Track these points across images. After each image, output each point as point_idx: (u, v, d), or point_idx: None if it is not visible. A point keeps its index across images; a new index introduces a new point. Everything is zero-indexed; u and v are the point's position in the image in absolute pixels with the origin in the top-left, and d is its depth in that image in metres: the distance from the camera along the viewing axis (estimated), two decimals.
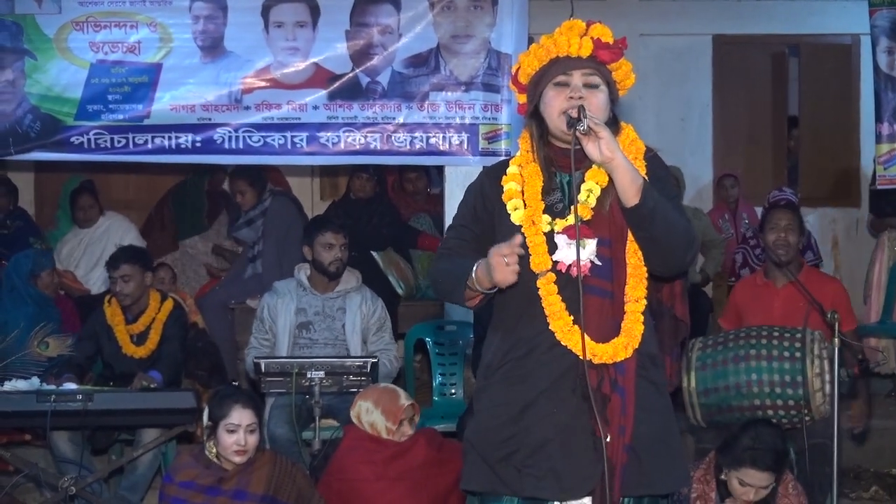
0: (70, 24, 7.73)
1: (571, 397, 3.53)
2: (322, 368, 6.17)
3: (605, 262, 3.56)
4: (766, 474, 5.08)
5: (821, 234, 10.36)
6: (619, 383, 3.54)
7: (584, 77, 3.57)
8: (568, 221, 3.56)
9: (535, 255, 3.55)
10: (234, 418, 5.27)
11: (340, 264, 6.97)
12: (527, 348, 3.59)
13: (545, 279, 3.55)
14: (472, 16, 7.78)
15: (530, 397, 3.55)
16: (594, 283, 3.55)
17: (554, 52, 3.58)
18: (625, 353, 3.54)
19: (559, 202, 3.62)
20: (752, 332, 5.83)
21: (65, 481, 6.04)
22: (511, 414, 3.57)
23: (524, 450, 3.55)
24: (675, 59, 10.83)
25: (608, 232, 3.58)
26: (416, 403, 5.96)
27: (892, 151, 8.16)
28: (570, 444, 3.52)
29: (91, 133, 7.75)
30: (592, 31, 3.57)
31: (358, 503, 5.53)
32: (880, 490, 7.17)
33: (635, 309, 3.57)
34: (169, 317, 7.11)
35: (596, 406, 3.49)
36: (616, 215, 3.57)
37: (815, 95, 11.11)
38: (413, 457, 5.66)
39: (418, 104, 7.79)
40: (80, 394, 6.08)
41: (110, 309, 7.11)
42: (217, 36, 7.79)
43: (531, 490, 3.54)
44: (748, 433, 5.14)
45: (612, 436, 3.51)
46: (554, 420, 3.53)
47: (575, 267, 3.51)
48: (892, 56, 8.15)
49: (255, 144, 7.77)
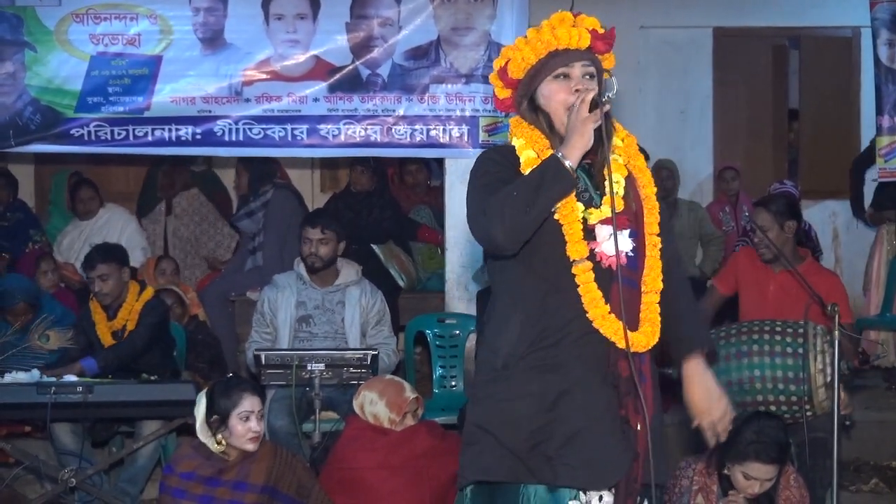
0: (70, 16, 7.73)
1: (603, 386, 3.54)
2: (322, 361, 6.18)
3: (634, 253, 3.60)
4: (770, 467, 5.08)
5: (821, 227, 10.35)
6: (643, 372, 3.58)
7: (583, 68, 3.58)
8: (603, 212, 3.56)
9: (571, 242, 3.52)
10: (247, 405, 5.29)
11: (316, 259, 6.90)
12: (556, 337, 3.55)
13: (583, 266, 3.52)
14: (472, 8, 7.78)
15: (564, 386, 3.52)
16: (626, 274, 3.57)
17: (553, 45, 3.58)
18: (653, 340, 3.60)
19: (584, 191, 3.61)
20: (755, 327, 5.82)
21: (65, 473, 6.05)
22: (545, 403, 3.53)
23: (558, 438, 3.52)
24: (675, 52, 10.81)
25: (634, 223, 3.61)
26: (420, 397, 5.96)
27: (892, 144, 8.17)
28: (603, 434, 3.52)
29: (91, 125, 7.76)
30: (585, 23, 3.60)
31: (360, 492, 5.54)
32: (880, 483, 7.17)
33: (654, 300, 3.62)
34: (144, 306, 6.99)
35: (631, 394, 3.53)
36: (638, 206, 3.62)
37: (816, 88, 11.09)
38: (415, 446, 5.66)
39: (418, 96, 7.80)
40: (80, 386, 6.09)
41: (94, 305, 7.06)
42: (217, 28, 7.79)
43: (565, 479, 3.51)
44: (751, 427, 5.13)
45: (640, 424, 3.55)
46: (588, 409, 3.51)
47: (612, 257, 3.53)
48: (892, 49, 8.17)
49: (255, 137, 7.78)
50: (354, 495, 5.53)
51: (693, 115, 10.92)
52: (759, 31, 10.97)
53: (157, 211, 9.99)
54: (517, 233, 3.46)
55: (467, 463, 3.69)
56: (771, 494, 5.17)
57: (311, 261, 6.90)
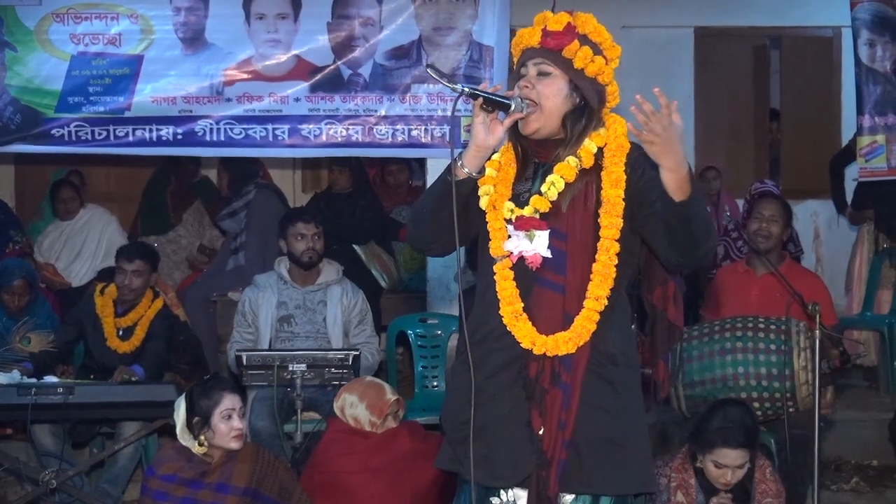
0: (51, 15, 7.70)
1: (514, 387, 3.58)
2: (304, 361, 6.18)
3: (558, 256, 3.57)
4: (739, 451, 5.07)
5: (802, 227, 10.36)
6: (563, 378, 3.55)
7: (534, 67, 3.62)
8: (525, 212, 3.59)
9: (493, 239, 3.62)
10: (228, 403, 5.28)
11: (314, 254, 6.95)
12: (482, 334, 3.63)
13: (501, 265, 3.60)
14: (454, 7, 7.77)
15: (479, 383, 3.58)
16: (545, 276, 3.58)
17: (520, 46, 3.67)
18: (566, 347, 3.53)
19: (527, 192, 3.65)
20: (738, 324, 5.84)
21: (46, 475, 6.02)
22: (467, 397, 3.59)
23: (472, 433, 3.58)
24: (657, 52, 10.82)
25: (565, 226, 3.58)
26: (401, 399, 5.96)
27: (872, 144, 8.19)
28: (504, 433, 3.57)
29: (72, 125, 7.72)
30: (551, 21, 3.62)
31: (340, 495, 5.53)
32: (861, 482, 7.19)
33: (593, 307, 3.55)
34: (157, 315, 7.14)
35: (534, 399, 3.55)
36: (577, 211, 3.59)
37: (797, 88, 11.13)
38: (396, 449, 5.66)
39: (400, 96, 7.78)
40: (61, 387, 6.07)
41: (101, 299, 7.12)
42: (198, 28, 7.77)
43: (467, 473, 3.60)
44: (716, 414, 5.15)
45: (548, 429, 3.54)
46: (494, 407, 3.58)
47: (523, 257, 3.58)
48: (873, 48, 8.18)
49: (236, 137, 7.76)
50: (334, 498, 5.53)
51: None
52: (741, 30, 11.01)
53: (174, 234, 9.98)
54: (416, 231, 3.75)
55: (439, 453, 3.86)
56: (748, 488, 5.17)
57: (307, 255, 6.91)
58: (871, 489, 7.14)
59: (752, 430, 5.15)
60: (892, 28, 8.15)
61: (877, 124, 8.10)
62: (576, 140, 3.62)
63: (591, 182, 3.61)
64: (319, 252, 6.99)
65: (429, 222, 3.68)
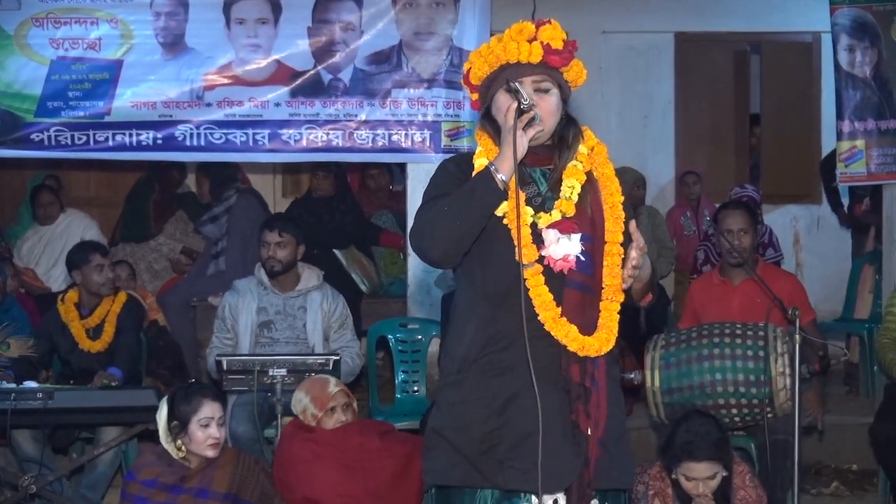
0: (30, 20, 7.69)
1: (554, 391, 3.54)
2: (284, 366, 6.16)
3: (586, 258, 3.58)
4: (706, 464, 5.04)
5: (782, 231, 10.38)
6: (595, 378, 3.58)
7: (534, 83, 3.57)
8: (552, 216, 3.57)
9: (524, 246, 3.52)
10: (207, 411, 5.28)
11: (276, 262, 6.86)
12: (508, 340, 3.56)
13: (532, 270, 3.54)
14: (434, 13, 7.78)
15: (514, 389, 3.53)
16: (577, 278, 3.57)
17: (504, 59, 3.57)
18: (607, 346, 3.58)
19: (537, 195, 3.63)
20: (715, 330, 5.84)
21: (25, 480, 6.01)
22: (494, 406, 3.55)
23: (507, 442, 3.54)
24: (637, 57, 10.85)
25: (589, 228, 3.60)
26: (346, 389, 5.93)
27: (852, 149, 8.20)
28: (553, 438, 3.50)
29: (51, 130, 7.71)
30: (542, 35, 3.55)
31: (299, 486, 5.53)
32: (841, 486, 7.20)
33: (612, 307, 3.61)
34: (123, 308, 7.10)
35: (582, 399, 3.54)
36: (596, 212, 3.63)
37: (777, 93, 11.16)
38: (346, 444, 5.64)
39: (380, 101, 7.79)
40: (41, 392, 6.04)
41: (64, 307, 7.07)
42: (178, 32, 7.76)
43: (515, 483, 3.53)
44: (681, 428, 5.11)
45: (592, 429, 3.55)
46: (537, 413, 3.49)
47: (561, 261, 3.55)
48: (852, 54, 8.19)
49: (216, 141, 7.75)
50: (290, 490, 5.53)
51: (655, 120, 10.96)
52: (721, 36, 11.02)
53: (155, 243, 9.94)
54: (449, 247, 3.53)
55: (427, 468, 3.72)
56: (728, 494, 5.15)
57: (269, 264, 6.87)
58: (852, 493, 7.15)
59: (718, 441, 5.09)
60: (872, 33, 8.16)
61: (856, 129, 8.10)
62: (572, 144, 3.65)
63: (589, 183, 3.66)
64: (282, 262, 6.87)
65: (469, 237, 3.54)
